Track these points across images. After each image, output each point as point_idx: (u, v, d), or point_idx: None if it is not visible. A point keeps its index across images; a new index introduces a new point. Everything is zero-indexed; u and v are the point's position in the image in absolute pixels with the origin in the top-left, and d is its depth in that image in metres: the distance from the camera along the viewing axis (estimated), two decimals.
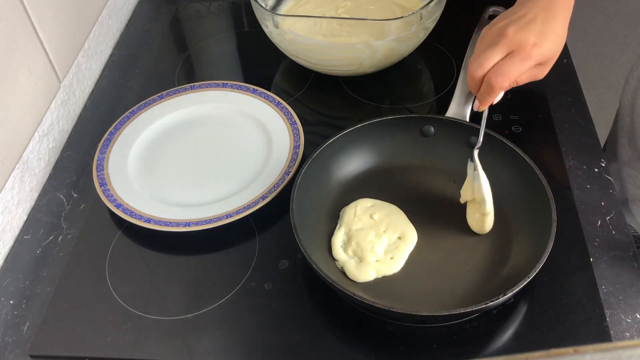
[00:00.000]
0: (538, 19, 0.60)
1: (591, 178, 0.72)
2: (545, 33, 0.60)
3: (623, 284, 0.62)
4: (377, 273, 0.62)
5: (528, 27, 0.60)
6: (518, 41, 0.60)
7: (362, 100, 0.86)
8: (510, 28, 0.60)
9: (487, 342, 0.59)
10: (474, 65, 0.61)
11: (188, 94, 0.85)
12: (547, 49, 0.60)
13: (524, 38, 0.59)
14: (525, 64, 0.60)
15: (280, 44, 0.85)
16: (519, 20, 0.61)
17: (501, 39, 0.60)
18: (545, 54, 0.61)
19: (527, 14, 0.61)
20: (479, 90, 0.63)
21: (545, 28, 0.60)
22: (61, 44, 0.83)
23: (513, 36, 0.60)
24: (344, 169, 0.72)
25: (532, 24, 0.60)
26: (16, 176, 0.73)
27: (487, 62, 0.61)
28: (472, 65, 0.62)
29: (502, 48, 0.60)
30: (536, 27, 0.60)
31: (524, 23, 0.60)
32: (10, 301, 0.66)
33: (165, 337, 0.61)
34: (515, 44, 0.60)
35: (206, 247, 0.69)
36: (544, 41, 0.60)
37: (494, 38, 0.61)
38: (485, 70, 0.61)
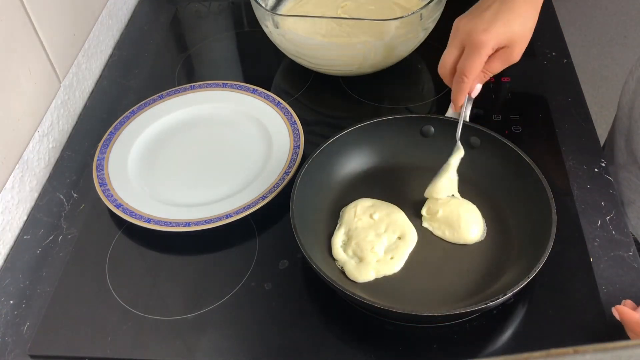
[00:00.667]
0: (493, 6, 0.60)
1: (591, 178, 0.72)
2: (498, 16, 0.60)
3: (623, 284, 0.62)
4: (377, 273, 0.62)
5: (480, 16, 0.60)
6: (467, 31, 0.60)
7: (362, 100, 0.86)
8: (462, 20, 0.62)
9: (487, 342, 0.59)
10: (440, 68, 0.64)
11: (188, 94, 0.85)
12: (503, 31, 0.60)
13: (473, 27, 0.60)
14: (480, 54, 0.60)
15: (280, 44, 0.85)
16: (474, 11, 0.62)
17: (454, 35, 0.62)
18: (504, 36, 0.60)
19: (484, 3, 0.62)
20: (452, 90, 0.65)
21: (499, 11, 0.60)
22: (61, 44, 0.83)
23: (463, 28, 0.61)
24: (344, 169, 0.72)
25: (486, 11, 0.60)
26: (16, 176, 0.73)
27: (445, 61, 0.63)
28: (439, 67, 0.64)
29: (454, 43, 0.62)
30: (488, 13, 0.60)
31: (478, 12, 0.61)
32: (10, 301, 0.66)
33: (165, 337, 0.61)
34: (465, 35, 0.60)
35: (206, 247, 0.69)
36: (495, 24, 0.59)
37: (452, 33, 0.63)
38: (447, 69, 0.63)
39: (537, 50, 0.91)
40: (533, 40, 0.92)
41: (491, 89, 0.85)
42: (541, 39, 0.93)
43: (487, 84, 0.85)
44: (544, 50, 0.91)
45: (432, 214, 0.67)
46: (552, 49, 0.91)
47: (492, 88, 0.85)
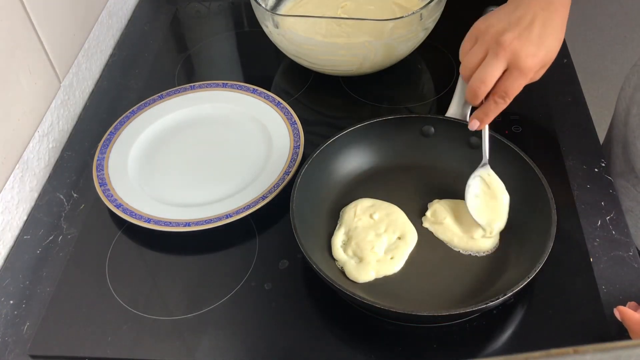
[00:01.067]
0: (537, 22, 0.58)
1: (591, 178, 0.72)
2: (543, 38, 0.58)
3: (623, 284, 0.62)
4: (377, 273, 0.62)
5: (527, 34, 0.58)
6: (516, 52, 0.57)
7: (362, 100, 0.86)
8: (508, 35, 0.57)
9: (487, 342, 0.59)
10: (476, 81, 0.59)
11: (188, 94, 0.85)
12: (546, 55, 0.59)
13: (521, 48, 0.57)
14: (525, 79, 0.58)
15: (280, 44, 0.85)
16: (517, 24, 0.58)
17: (500, 50, 0.57)
18: (544, 61, 0.59)
19: (525, 16, 0.58)
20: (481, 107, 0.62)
21: (543, 32, 0.58)
22: (61, 44, 0.83)
23: (510, 45, 0.57)
24: (344, 169, 0.72)
25: (531, 29, 0.58)
26: (16, 176, 0.73)
27: (490, 79, 0.58)
28: (475, 81, 0.59)
29: (502, 61, 0.58)
30: (534, 33, 0.58)
31: (522, 28, 0.58)
32: (10, 301, 0.66)
33: (165, 337, 0.61)
34: (512, 55, 0.57)
35: (206, 247, 0.69)
36: (542, 49, 0.58)
37: (491, 45, 0.58)
38: (489, 87, 0.59)
39: None
40: None
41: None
42: None
43: None
44: None
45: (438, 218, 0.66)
46: None
47: None
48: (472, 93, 0.60)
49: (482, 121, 0.62)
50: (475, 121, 0.63)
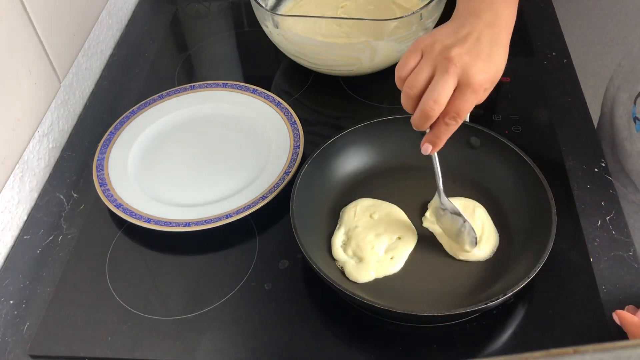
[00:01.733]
0: (484, 39, 0.55)
1: (591, 178, 0.72)
2: (492, 55, 0.55)
3: (623, 284, 0.62)
4: (377, 273, 0.62)
5: (476, 51, 0.54)
6: (465, 68, 0.53)
7: (362, 100, 0.86)
8: (457, 50, 0.53)
9: (487, 342, 0.59)
10: (428, 102, 0.53)
11: (188, 94, 0.85)
12: (495, 73, 0.55)
13: (473, 64, 0.53)
14: (476, 97, 0.54)
15: (280, 44, 0.85)
16: (465, 40, 0.54)
17: (450, 66, 0.53)
18: (494, 78, 0.56)
19: (472, 33, 0.55)
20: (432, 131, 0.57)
21: (491, 50, 0.55)
22: (61, 44, 0.83)
23: (460, 60, 0.53)
24: (344, 169, 0.72)
25: (479, 45, 0.54)
26: (16, 176, 0.73)
27: (444, 98, 0.53)
28: (427, 101, 0.53)
29: (453, 77, 0.53)
30: (483, 50, 0.54)
31: (471, 45, 0.54)
32: (10, 301, 0.66)
33: (165, 337, 0.61)
34: (464, 70, 0.53)
35: (206, 247, 0.69)
36: (492, 66, 0.55)
37: (440, 60, 0.54)
38: (443, 106, 0.54)
39: (537, 50, 0.91)
40: (533, 40, 0.93)
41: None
42: (541, 39, 0.93)
43: None
44: (544, 50, 0.91)
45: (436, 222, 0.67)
46: (552, 49, 0.91)
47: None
48: (424, 115, 0.54)
49: (435, 145, 0.57)
50: (427, 145, 0.58)
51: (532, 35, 0.93)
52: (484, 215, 0.66)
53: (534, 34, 0.94)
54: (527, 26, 0.95)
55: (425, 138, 0.58)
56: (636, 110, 0.74)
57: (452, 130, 0.56)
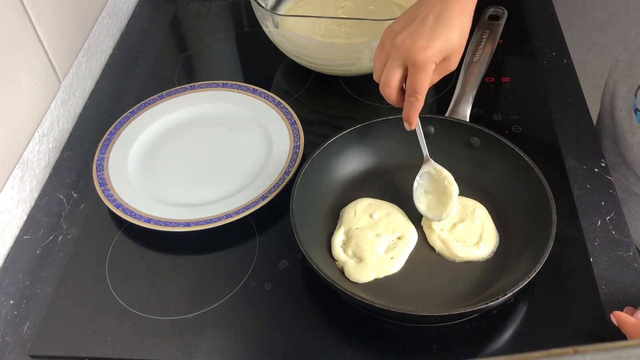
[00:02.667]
0: (430, 17, 0.59)
1: (591, 178, 0.72)
2: (436, 30, 0.59)
3: (623, 284, 0.62)
4: (377, 273, 0.62)
5: (419, 30, 0.59)
6: (407, 49, 0.58)
7: (362, 100, 0.86)
8: (400, 36, 0.59)
9: (487, 342, 0.59)
10: (382, 86, 0.61)
11: (188, 94, 0.85)
12: (444, 44, 0.59)
13: (412, 44, 0.58)
14: (427, 72, 0.59)
15: (280, 44, 0.85)
16: (411, 23, 0.60)
17: (394, 51, 0.60)
18: (445, 51, 0.59)
19: (420, 14, 0.60)
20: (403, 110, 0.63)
21: (437, 24, 0.59)
22: (61, 44, 0.83)
23: (402, 44, 0.59)
24: (344, 169, 0.72)
25: (423, 24, 0.59)
26: (16, 176, 0.73)
27: (390, 81, 0.60)
28: (382, 86, 0.61)
29: (396, 62, 0.60)
30: (426, 28, 0.59)
31: (415, 26, 0.59)
32: (10, 301, 0.66)
33: (165, 337, 0.61)
34: (405, 53, 0.59)
35: (206, 247, 0.69)
36: (436, 40, 0.58)
37: (389, 48, 0.60)
38: (394, 88, 0.61)
39: (537, 50, 0.91)
40: (533, 40, 0.93)
41: (491, 89, 0.85)
42: (541, 39, 0.93)
43: (487, 84, 0.85)
44: (544, 50, 0.91)
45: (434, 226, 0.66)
46: (552, 49, 0.91)
47: (492, 88, 0.85)
48: (385, 97, 0.62)
49: (409, 121, 0.63)
50: (405, 123, 0.64)
51: (532, 35, 0.93)
52: (484, 214, 0.66)
53: (534, 34, 0.94)
54: (527, 26, 0.95)
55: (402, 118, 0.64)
56: (637, 102, 0.74)
57: (418, 106, 0.61)
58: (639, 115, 0.74)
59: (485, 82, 0.85)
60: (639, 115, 0.74)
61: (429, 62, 0.59)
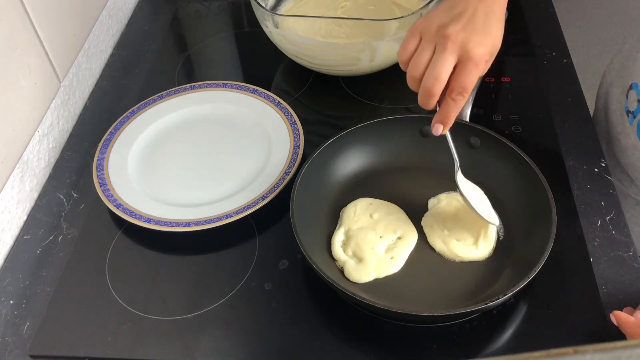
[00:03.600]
0: (478, 14, 0.56)
1: (591, 178, 0.72)
2: (488, 28, 0.56)
3: (623, 284, 0.62)
4: (377, 273, 0.62)
5: (471, 26, 0.56)
6: (463, 43, 0.55)
7: (362, 100, 0.86)
8: (453, 28, 0.55)
9: (487, 342, 0.59)
10: (429, 80, 0.55)
11: (188, 94, 0.85)
12: (493, 44, 0.57)
13: (470, 38, 0.55)
14: (478, 70, 0.56)
15: (280, 44, 0.85)
16: (459, 18, 0.56)
17: (448, 43, 0.55)
18: (492, 50, 0.57)
19: (465, 10, 0.57)
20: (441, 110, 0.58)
21: (487, 23, 0.56)
22: (61, 44, 0.83)
23: (457, 36, 0.55)
24: (344, 169, 0.72)
25: (474, 20, 0.56)
26: (16, 176, 0.73)
27: (444, 74, 0.55)
28: (428, 79, 0.56)
29: (452, 54, 0.55)
30: (479, 24, 0.56)
31: (466, 21, 0.56)
32: (10, 301, 0.66)
33: (165, 337, 0.61)
34: (462, 45, 0.55)
35: (206, 247, 0.69)
36: (488, 38, 0.56)
37: (438, 39, 0.56)
38: (444, 83, 0.55)
39: (537, 50, 0.91)
40: (533, 40, 0.93)
41: (491, 89, 0.85)
42: (541, 39, 0.93)
43: (487, 84, 0.85)
44: (544, 50, 0.91)
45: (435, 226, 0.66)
46: (552, 49, 0.91)
47: (492, 88, 0.85)
48: (426, 93, 0.56)
49: (445, 124, 0.59)
50: (437, 125, 0.59)
51: (532, 35, 0.93)
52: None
53: (534, 34, 0.94)
54: (527, 26, 0.95)
55: (435, 118, 0.59)
56: (628, 104, 0.74)
57: (460, 106, 0.57)
58: (630, 117, 0.74)
59: (485, 82, 0.85)
60: (631, 117, 0.74)
61: (484, 59, 0.56)
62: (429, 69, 0.56)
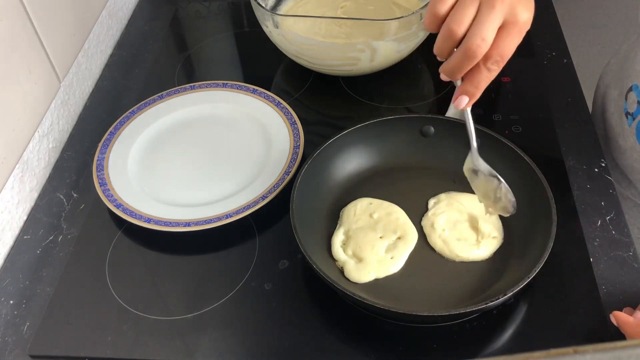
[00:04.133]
0: None
1: (591, 178, 0.72)
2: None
3: (623, 284, 0.62)
4: (377, 273, 0.62)
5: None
6: (512, 3, 0.50)
7: (362, 100, 0.86)
8: None
9: (487, 342, 0.59)
10: (476, 39, 0.49)
11: (188, 94, 0.85)
12: (532, 11, 0.52)
13: (519, 2, 0.50)
14: (520, 37, 0.51)
15: (280, 44, 0.85)
16: None
17: (496, 2, 0.49)
18: (531, 18, 0.52)
19: None
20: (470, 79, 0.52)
21: None
22: (61, 44, 0.83)
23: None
24: (344, 169, 0.72)
25: None
26: (16, 176, 0.73)
27: (492, 35, 0.49)
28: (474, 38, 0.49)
29: (500, 14, 0.49)
30: None
31: None
32: (10, 301, 0.66)
33: (165, 337, 0.61)
34: (510, 6, 0.49)
35: (206, 247, 0.69)
36: (532, 4, 0.52)
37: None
38: (489, 45, 0.49)
39: (537, 50, 0.91)
40: (533, 40, 0.93)
41: (491, 89, 0.85)
42: (541, 39, 0.93)
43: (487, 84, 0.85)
44: (544, 50, 0.91)
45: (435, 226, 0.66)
46: (552, 49, 0.91)
47: (492, 88, 0.85)
48: (468, 56, 0.50)
49: (472, 95, 0.53)
50: (462, 97, 0.53)
51: (532, 35, 0.93)
52: (494, 216, 0.66)
53: (534, 34, 0.94)
54: None
55: (460, 89, 0.53)
56: (627, 106, 0.74)
57: (493, 77, 0.52)
58: (630, 119, 0.74)
59: None
60: (630, 119, 0.74)
61: (527, 26, 0.51)
62: (474, 27, 0.49)
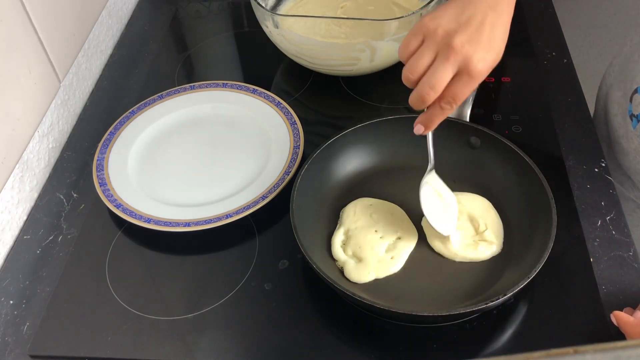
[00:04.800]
0: (486, 23, 0.54)
1: (591, 178, 0.72)
2: (492, 41, 0.54)
3: (623, 284, 0.62)
4: (377, 273, 0.62)
5: (477, 37, 0.54)
6: (468, 56, 0.53)
7: (362, 100, 0.86)
8: (459, 38, 0.53)
9: (487, 342, 0.59)
10: (425, 87, 0.55)
11: (188, 94, 0.85)
12: (495, 59, 0.55)
13: (475, 53, 0.53)
14: (474, 84, 0.55)
15: (280, 44, 0.85)
16: (467, 25, 0.54)
17: (451, 54, 0.53)
18: (493, 64, 0.55)
19: (474, 17, 0.54)
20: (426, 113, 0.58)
21: (492, 35, 0.54)
22: (61, 44, 0.83)
23: (462, 49, 0.53)
24: (344, 169, 0.72)
25: (481, 31, 0.54)
26: (16, 176, 0.73)
27: (441, 84, 0.54)
28: (424, 86, 0.55)
29: (453, 65, 0.54)
30: (485, 36, 0.54)
31: (473, 31, 0.54)
32: (10, 301, 0.66)
33: (165, 337, 0.61)
34: (465, 59, 0.53)
35: (206, 247, 0.69)
36: (492, 52, 0.54)
37: (441, 47, 0.54)
38: (439, 93, 0.55)
39: (537, 50, 0.91)
40: (533, 40, 0.93)
41: (491, 89, 0.85)
42: (541, 39, 0.93)
43: (487, 84, 0.85)
44: (544, 50, 0.91)
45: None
46: (552, 49, 0.91)
47: (492, 88, 0.85)
48: (419, 99, 0.56)
49: (427, 127, 0.59)
50: (419, 126, 0.59)
51: (532, 35, 0.93)
52: (494, 216, 0.66)
53: (534, 34, 0.94)
54: (527, 26, 0.95)
55: (418, 119, 0.59)
56: (632, 107, 0.74)
57: (446, 115, 0.57)
58: (634, 121, 0.74)
59: (486, 82, 0.85)
60: (635, 121, 0.73)
61: (483, 75, 0.54)
62: (427, 76, 0.55)
